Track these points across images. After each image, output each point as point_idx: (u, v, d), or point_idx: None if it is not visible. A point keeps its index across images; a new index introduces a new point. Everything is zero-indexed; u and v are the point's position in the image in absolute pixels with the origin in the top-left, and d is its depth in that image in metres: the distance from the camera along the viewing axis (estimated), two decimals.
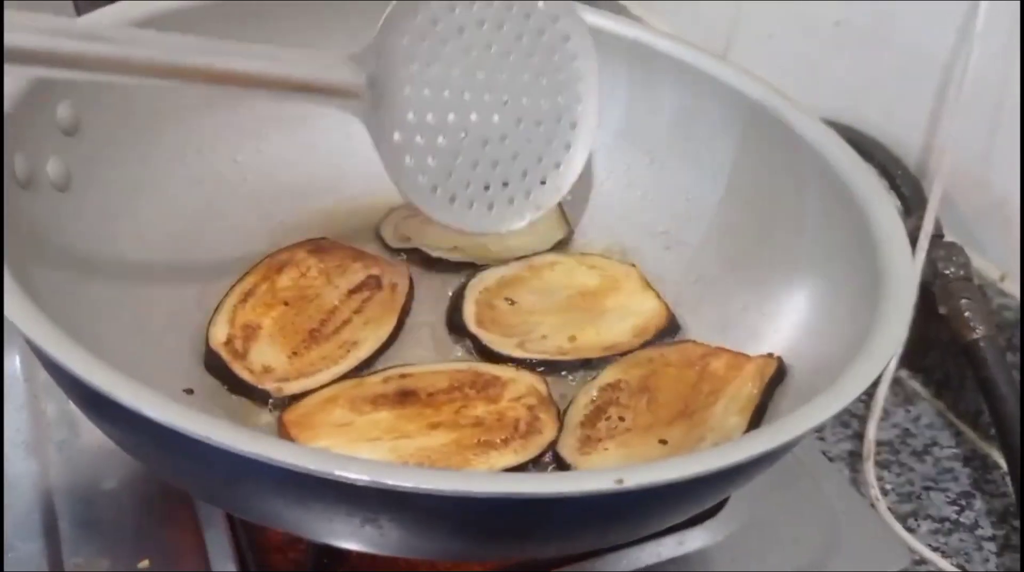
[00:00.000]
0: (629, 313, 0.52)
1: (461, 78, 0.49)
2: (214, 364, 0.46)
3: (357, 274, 0.52)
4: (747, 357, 0.47)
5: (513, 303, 0.51)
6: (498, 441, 0.43)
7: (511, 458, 0.43)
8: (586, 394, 0.47)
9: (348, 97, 0.45)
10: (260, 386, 0.45)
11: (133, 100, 0.49)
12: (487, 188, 0.50)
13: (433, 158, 0.48)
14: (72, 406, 0.48)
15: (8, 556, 0.44)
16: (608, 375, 0.48)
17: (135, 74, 0.38)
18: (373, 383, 0.46)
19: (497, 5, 0.49)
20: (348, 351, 0.48)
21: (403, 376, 0.46)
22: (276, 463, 0.29)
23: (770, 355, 0.47)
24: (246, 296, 0.49)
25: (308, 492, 0.31)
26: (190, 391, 0.45)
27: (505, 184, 0.51)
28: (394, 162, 0.47)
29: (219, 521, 0.45)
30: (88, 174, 0.47)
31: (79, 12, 0.48)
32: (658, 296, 0.53)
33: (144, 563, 0.44)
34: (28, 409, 0.51)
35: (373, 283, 0.52)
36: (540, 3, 0.50)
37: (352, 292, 0.51)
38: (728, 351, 0.48)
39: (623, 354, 0.49)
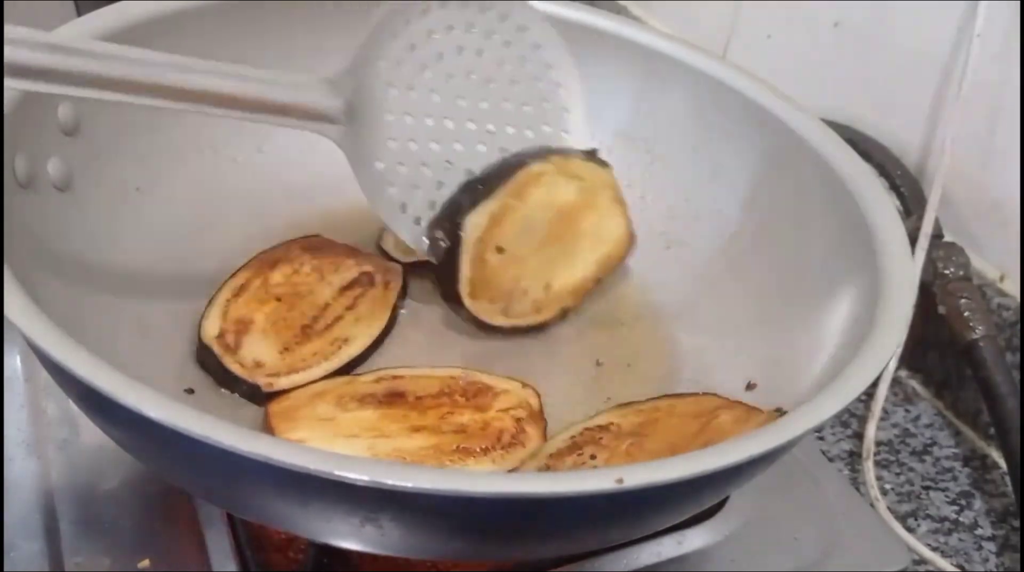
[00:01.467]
0: (600, 241, 0.53)
1: (443, 105, 0.48)
2: (205, 358, 0.46)
3: (350, 271, 0.52)
4: (759, 412, 0.43)
5: (503, 251, 0.49)
6: (478, 449, 0.43)
7: (488, 467, 0.42)
8: (569, 430, 0.45)
9: (324, 121, 0.44)
10: (251, 380, 0.45)
11: None
12: None
13: (417, 189, 0.47)
14: (72, 406, 0.49)
15: (9, 556, 0.44)
16: (603, 417, 0.46)
17: (107, 90, 0.38)
18: (364, 382, 0.46)
19: (477, 31, 0.48)
20: (339, 347, 0.48)
21: (395, 377, 0.46)
22: (276, 463, 0.29)
23: (778, 410, 0.42)
24: (239, 291, 0.49)
25: (308, 492, 0.32)
26: (191, 391, 0.45)
27: None
28: (376, 191, 0.46)
29: (219, 521, 0.45)
30: (88, 174, 0.47)
31: (79, 12, 0.47)
32: (624, 215, 0.53)
33: (144, 563, 0.44)
34: (28, 409, 0.51)
35: (366, 280, 0.51)
36: (525, 33, 0.49)
37: (345, 289, 0.51)
38: (743, 405, 0.45)
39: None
